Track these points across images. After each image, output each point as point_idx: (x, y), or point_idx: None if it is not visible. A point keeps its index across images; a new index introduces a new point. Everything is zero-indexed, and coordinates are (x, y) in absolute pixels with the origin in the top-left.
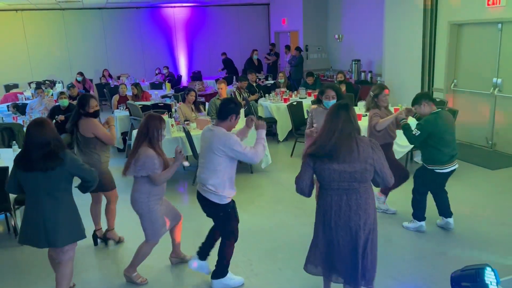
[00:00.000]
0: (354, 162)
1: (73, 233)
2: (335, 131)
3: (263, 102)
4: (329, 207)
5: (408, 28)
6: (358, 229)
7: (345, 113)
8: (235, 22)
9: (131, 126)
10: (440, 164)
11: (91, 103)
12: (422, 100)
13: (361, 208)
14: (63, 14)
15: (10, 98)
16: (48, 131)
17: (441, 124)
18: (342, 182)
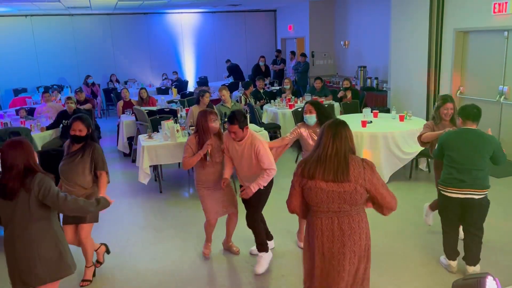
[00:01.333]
0: (343, 182)
1: (54, 270)
2: (331, 149)
3: (269, 108)
4: (320, 232)
5: (414, 35)
6: (353, 256)
7: (345, 131)
8: (242, 28)
9: (137, 131)
10: (445, 185)
11: (73, 125)
12: (460, 115)
13: (355, 233)
14: (72, 20)
15: (18, 102)
16: (19, 153)
17: (454, 138)
18: (331, 204)
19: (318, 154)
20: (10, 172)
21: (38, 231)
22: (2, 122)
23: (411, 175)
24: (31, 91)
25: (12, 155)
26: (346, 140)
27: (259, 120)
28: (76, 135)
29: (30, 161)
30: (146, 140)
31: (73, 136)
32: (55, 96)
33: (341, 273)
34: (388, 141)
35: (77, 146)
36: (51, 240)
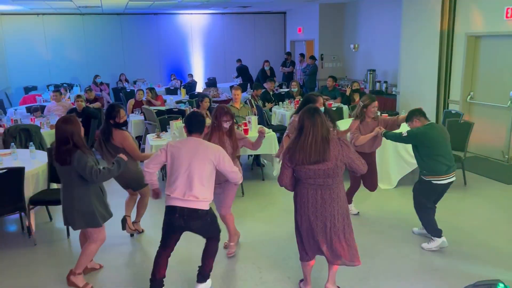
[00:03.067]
0: (324, 161)
1: (87, 220)
2: (311, 135)
3: (277, 110)
4: (306, 199)
5: (425, 38)
6: (332, 219)
7: (319, 117)
8: (251, 30)
9: (145, 130)
10: (436, 175)
11: (121, 113)
12: (413, 116)
13: (334, 201)
14: (83, 19)
15: (28, 100)
16: (69, 129)
17: (433, 134)
18: (317, 179)
19: (301, 143)
20: (61, 143)
21: (77, 192)
22: (13, 119)
23: None
24: (41, 89)
25: (63, 129)
26: (322, 125)
27: (268, 122)
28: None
29: (75, 136)
30: (154, 139)
31: (124, 123)
32: (65, 94)
33: (325, 230)
34: (397, 145)
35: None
36: (87, 199)
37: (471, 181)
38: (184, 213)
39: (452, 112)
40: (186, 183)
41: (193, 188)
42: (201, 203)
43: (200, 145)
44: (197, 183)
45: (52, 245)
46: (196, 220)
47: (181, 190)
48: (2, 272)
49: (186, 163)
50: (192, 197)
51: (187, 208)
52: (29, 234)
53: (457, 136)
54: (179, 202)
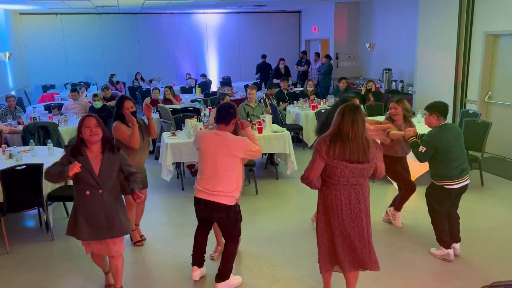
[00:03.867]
0: (364, 162)
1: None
2: (351, 132)
3: (291, 109)
4: (339, 202)
5: (442, 37)
6: (366, 219)
7: (361, 116)
8: (266, 29)
9: (161, 128)
10: (449, 179)
11: (125, 104)
12: (436, 112)
13: (366, 200)
14: (100, 18)
15: (46, 98)
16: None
17: (447, 137)
18: (351, 178)
19: (341, 138)
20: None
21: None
22: (32, 117)
23: None
24: (59, 88)
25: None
26: (362, 124)
27: (282, 121)
28: (132, 112)
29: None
30: (169, 137)
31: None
32: (82, 93)
33: (361, 233)
34: None
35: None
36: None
37: (488, 182)
38: (208, 206)
39: (469, 112)
40: (212, 176)
41: (218, 182)
42: (225, 198)
43: (224, 138)
44: (222, 177)
45: (68, 240)
46: (219, 213)
47: (206, 183)
48: (20, 265)
49: (211, 157)
50: (216, 191)
51: (211, 201)
52: (47, 229)
53: (474, 136)
54: (204, 195)
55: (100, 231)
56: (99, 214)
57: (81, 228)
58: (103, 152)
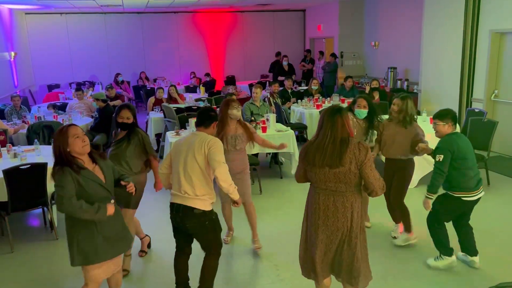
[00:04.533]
0: (337, 167)
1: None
2: (328, 138)
3: (296, 108)
4: (318, 205)
5: (447, 35)
6: (345, 231)
7: (341, 119)
8: (270, 27)
9: (165, 128)
10: (468, 191)
11: (121, 113)
12: (450, 120)
13: (347, 210)
14: (105, 18)
15: (51, 97)
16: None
17: (462, 142)
18: (328, 183)
19: (317, 143)
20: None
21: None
22: (36, 116)
23: None
24: (64, 87)
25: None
26: (343, 127)
27: (286, 120)
28: (124, 122)
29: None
30: (173, 136)
31: (121, 124)
32: (86, 92)
33: (334, 242)
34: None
35: (123, 133)
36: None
37: (495, 181)
38: (180, 211)
39: (475, 111)
40: (183, 178)
41: (191, 184)
42: (196, 201)
43: (195, 137)
44: (195, 179)
45: None
46: (191, 219)
47: (178, 186)
48: (25, 264)
49: (182, 157)
50: (190, 195)
51: (183, 205)
52: (51, 229)
53: (480, 135)
54: (177, 199)
55: (118, 245)
56: (117, 225)
57: (101, 249)
58: (95, 161)
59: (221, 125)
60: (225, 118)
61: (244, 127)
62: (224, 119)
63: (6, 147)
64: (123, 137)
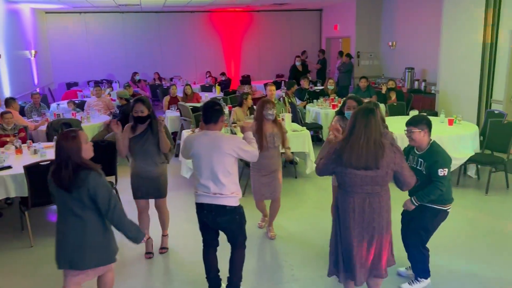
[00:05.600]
0: (375, 169)
1: (99, 257)
2: (363, 138)
3: (311, 108)
4: (352, 210)
5: (466, 36)
6: (381, 229)
7: (373, 118)
8: (286, 27)
9: (181, 126)
10: (449, 202)
11: (135, 106)
12: (426, 126)
13: (383, 210)
14: (123, 17)
15: (70, 95)
16: (72, 146)
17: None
18: (364, 186)
19: (351, 143)
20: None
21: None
22: (56, 113)
23: (459, 181)
24: (82, 85)
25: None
26: (376, 127)
27: (301, 120)
28: (139, 116)
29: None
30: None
31: (136, 118)
32: (105, 90)
33: (371, 243)
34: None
35: (142, 127)
36: (99, 228)
37: None
38: (212, 210)
39: (495, 112)
40: (211, 179)
41: (219, 184)
42: (228, 199)
43: (217, 138)
44: (222, 178)
45: None
46: (224, 216)
47: (206, 187)
48: (43, 258)
49: (206, 159)
50: (220, 193)
51: (214, 204)
52: None
53: (500, 137)
54: (206, 199)
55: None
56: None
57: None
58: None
59: (258, 124)
60: (261, 117)
61: (279, 126)
62: (260, 119)
63: (27, 144)
64: (145, 130)
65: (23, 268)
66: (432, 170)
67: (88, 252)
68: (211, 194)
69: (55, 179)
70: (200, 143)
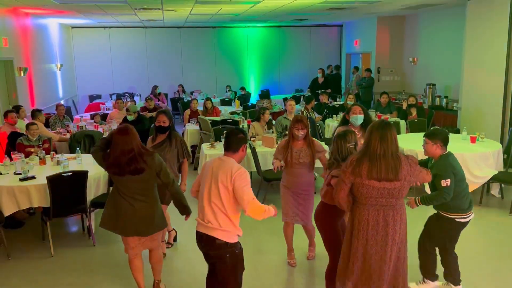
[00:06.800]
0: (393, 181)
1: (160, 223)
2: (379, 150)
3: (331, 123)
4: (366, 222)
5: (490, 52)
6: (393, 243)
7: (390, 132)
8: (306, 42)
9: (200, 139)
10: (462, 212)
11: (158, 117)
12: (440, 141)
13: (397, 223)
14: (145, 32)
15: (93, 107)
16: (132, 138)
17: (457, 164)
18: (380, 199)
19: (369, 155)
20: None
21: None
22: (79, 125)
23: (482, 200)
24: (104, 98)
25: (125, 140)
26: (392, 141)
27: (321, 135)
28: (161, 125)
29: (140, 143)
30: (208, 148)
31: (158, 127)
32: (126, 103)
33: (383, 258)
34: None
35: (162, 137)
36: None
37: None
38: (203, 239)
39: None
40: (207, 206)
41: (211, 212)
42: (219, 232)
43: (220, 165)
44: (216, 208)
45: (109, 246)
46: (214, 250)
47: (202, 214)
48: (64, 268)
49: (207, 185)
50: (213, 225)
51: (205, 234)
52: (89, 235)
53: None
54: (200, 227)
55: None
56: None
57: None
58: None
59: (287, 140)
60: (292, 133)
61: (310, 144)
62: (291, 134)
63: (50, 155)
64: (164, 140)
65: (43, 277)
66: (436, 181)
67: (151, 222)
68: (205, 223)
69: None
70: (209, 164)
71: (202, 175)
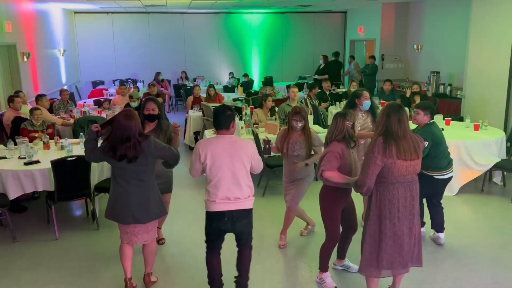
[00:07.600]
0: (416, 157)
1: (157, 210)
2: (400, 132)
3: (334, 110)
4: (396, 200)
5: (495, 40)
6: (417, 215)
7: (405, 114)
8: (310, 29)
9: (203, 126)
10: (439, 170)
11: (147, 105)
12: (430, 112)
13: (417, 195)
14: (148, 17)
15: (96, 93)
16: (133, 124)
17: (439, 132)
18: (408, 175)
19: (392, 137)
20: (125, 141)
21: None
22: (82, 111)
23: (483, 188)
24: (108, 84)
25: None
26: (407, 122)
27: (324, 122)
28: (150, 113)
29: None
30: (211, 134)
31: (147, 115)
32: (129, 90)
33: (412, 230)
34: (460, 151)
35: (152, 126)
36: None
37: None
38: (233, 216)
39: None
40: (232, 184)
41: (240, 188)
42: (247, 202)
43: (235, 142)
44: (243, 182)
45: (113, 229)
46: (243, 220)
47: (227, 193)
48: (68, 251)
49: (226, 165)
50: (242, 198)
51: (236, 210)
52: (93, 219)
53: None
54: (227, 206)
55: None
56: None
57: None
58: None
59: (285, 130)
60: (290, 124)
61: (306, 137)
62: (290, 126)
63: (54, 140)
64: (155, 128)
65: (49, 260)
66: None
67: (148, 208)
68: (232, 200)
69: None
70: (217, 148)
71: (214, 159)
